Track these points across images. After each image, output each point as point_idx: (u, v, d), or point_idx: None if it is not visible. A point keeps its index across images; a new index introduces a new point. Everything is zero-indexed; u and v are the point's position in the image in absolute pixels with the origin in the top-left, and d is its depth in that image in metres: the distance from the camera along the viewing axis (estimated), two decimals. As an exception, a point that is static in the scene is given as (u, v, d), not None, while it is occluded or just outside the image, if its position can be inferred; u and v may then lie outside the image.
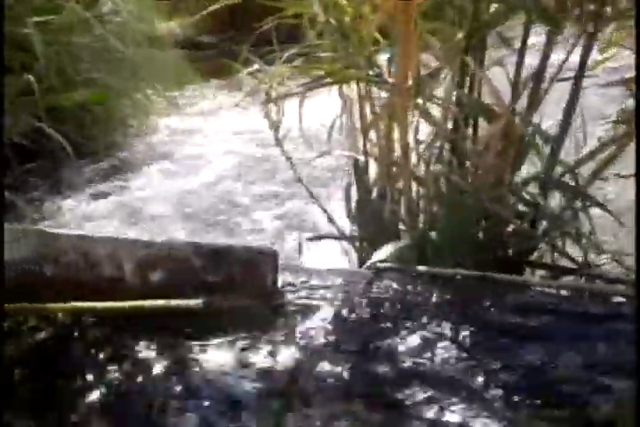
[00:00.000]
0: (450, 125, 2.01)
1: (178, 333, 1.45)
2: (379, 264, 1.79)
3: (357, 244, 2.31)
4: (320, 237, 2.55)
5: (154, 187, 3.12)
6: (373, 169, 2.24)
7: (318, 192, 2.52)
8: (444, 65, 1.96)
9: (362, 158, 2.24)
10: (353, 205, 2.29)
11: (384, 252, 1.82)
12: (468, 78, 2.00)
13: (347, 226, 2.37)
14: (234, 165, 3.23)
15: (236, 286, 1.54)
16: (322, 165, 2.99)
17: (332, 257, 2.48)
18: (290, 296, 1.60)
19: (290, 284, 1.66)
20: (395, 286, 1.70)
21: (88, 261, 1.47)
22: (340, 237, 2.39)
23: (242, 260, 1.55)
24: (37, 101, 2.85)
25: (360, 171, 2.27)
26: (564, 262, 2.11)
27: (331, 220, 2.39)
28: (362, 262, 2.32)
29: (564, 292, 1.77)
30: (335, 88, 2.25)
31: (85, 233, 1.52)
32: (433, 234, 1.94)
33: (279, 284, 1.63)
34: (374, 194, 2.23)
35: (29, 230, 1.51)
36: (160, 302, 1.46)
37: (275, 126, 2.34)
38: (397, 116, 1.92)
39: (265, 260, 1.57)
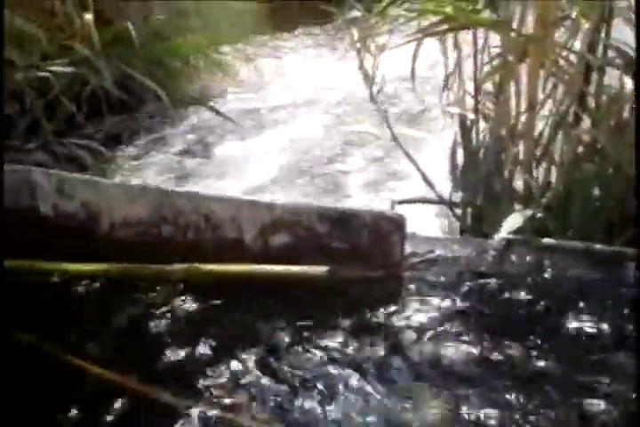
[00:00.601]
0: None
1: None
2: (506, 235, 1.61)
3: (460, 210, 2.12)
4: (413, 201, 2.35)
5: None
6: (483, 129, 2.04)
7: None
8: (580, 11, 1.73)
9: (471, 116, 2.03)
10: (458, 168, 2.09)
11: (513, 222, 1.63)
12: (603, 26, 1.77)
13: (444, 190, 2.18)
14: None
15: (362, 255, 1.37)
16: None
17: (422, 222, 2.30)
18: (418, 268, 1.44)
19: (413, 253, 1.49)
20: (529, 259, 1.53)
21: (209, 222, 1.32)
22: (438, 201, 2.20)
23: (368, 226, 1.38)
24: (132, 50, 2.69)
25: (468, 130, 2.07)
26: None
27: (428, 183, 2.20)
28: (463, 230, 2.15)
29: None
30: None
31: (206, 193, 1.36)
32: (562, 204, 1.75)
33: (402, 253, 1.45)
34: (482, 156, 2.04)
35: (148, 189, 1.36)
36: (282, 268, 1.30)
37: (371, 81, 2.15)
38: (529, 68, 1.71)
39: (393, 227, 1.39)
